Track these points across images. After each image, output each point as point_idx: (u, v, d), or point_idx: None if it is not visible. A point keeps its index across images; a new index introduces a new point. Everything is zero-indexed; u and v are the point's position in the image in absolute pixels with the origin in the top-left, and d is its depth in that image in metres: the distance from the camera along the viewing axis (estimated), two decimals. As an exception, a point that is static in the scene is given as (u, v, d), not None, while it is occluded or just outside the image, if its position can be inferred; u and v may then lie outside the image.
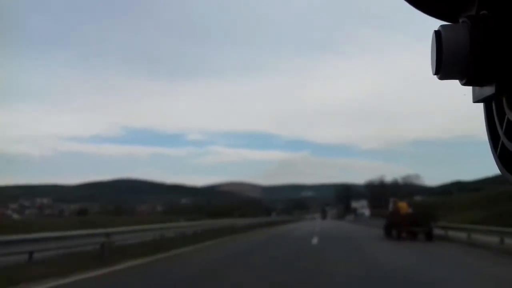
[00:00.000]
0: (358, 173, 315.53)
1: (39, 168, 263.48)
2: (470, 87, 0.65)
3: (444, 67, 0.59)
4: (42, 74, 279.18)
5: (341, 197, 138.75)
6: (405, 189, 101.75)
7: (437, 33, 0.60)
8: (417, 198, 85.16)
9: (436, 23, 0.64)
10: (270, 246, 16.49)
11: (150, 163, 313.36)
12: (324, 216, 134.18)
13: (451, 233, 20.43)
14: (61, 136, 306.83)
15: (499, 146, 0.63)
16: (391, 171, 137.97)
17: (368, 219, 68.68)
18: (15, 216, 65.58)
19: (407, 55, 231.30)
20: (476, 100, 0.65)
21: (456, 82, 0.62)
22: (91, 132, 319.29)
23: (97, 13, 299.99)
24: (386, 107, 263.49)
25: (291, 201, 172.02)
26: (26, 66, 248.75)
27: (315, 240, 18.56)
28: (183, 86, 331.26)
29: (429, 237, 18.83)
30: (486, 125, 0.68)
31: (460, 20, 0.62)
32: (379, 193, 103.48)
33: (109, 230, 11.64)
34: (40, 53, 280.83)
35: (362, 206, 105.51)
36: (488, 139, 0.67)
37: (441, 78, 0.61)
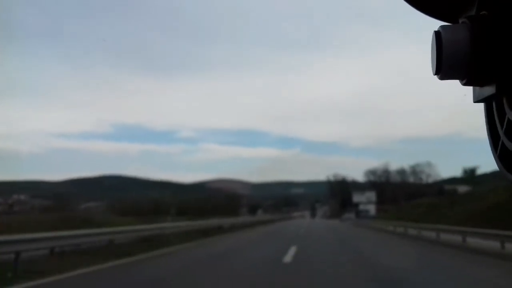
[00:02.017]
0: (350, 170, 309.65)
1: (27, 165, 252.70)
2: (471, 87, 0.63)
3: (444, 67, 0.58)
4: (31, 69, 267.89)
5: (335, 190, 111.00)
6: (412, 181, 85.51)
7: (437, 34, 0.59)
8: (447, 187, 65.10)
9: (436, 23, 0.63)
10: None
11: (140, 160, 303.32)
12: (313, 214, 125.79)
13: None
14: (50, 133, 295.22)
15: (499, 146, 0.61)
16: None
17: (375, 221, 48.46)
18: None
19: (402, 54, 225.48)
20: (476, 100, 0.63)
21: (455, 82, 0.60)
22: (80, 128, 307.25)
23: (86, 8, 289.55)
24: (377, 105, 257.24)
25: (281, 198, 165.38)
26: (14, 61, 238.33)
27: None
28: (174, 83, 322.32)
29: None
30: (486, 125, 0.66)
31: (460, 21, 0.61)
32: (384, 186, 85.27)
33: None
34: (28, 48, 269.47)
35: (368, 201, 79.37)
36: (488, 138, 0.65)
37: (441, 78, 0.59)
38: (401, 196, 74.41)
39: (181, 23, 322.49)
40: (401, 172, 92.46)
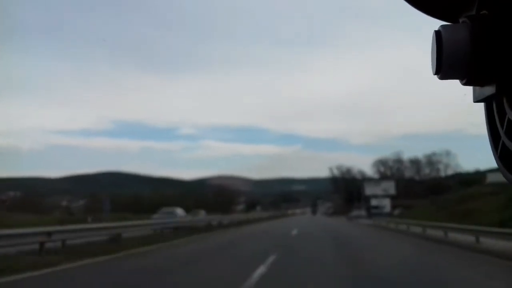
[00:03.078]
0: (352, 167, 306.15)
1: (27, 162, 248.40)
2: (471, 87, 0.62)
3: (444, 67, 0.57)
4: (31, 67, 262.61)
5: (339, 184, 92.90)
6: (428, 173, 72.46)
7: (437, 33, 0.58)
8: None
9: (436, 23, 0.62)
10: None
11: (141, 157, 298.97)
12: (314, 211, 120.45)
13: None
14: (50, 130, 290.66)
15: (500, 145, 0.61)
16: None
17: (401, 221, 30.36)
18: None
19: (402, 53, 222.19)
20: (476, 100, 0.63)
21: (455, 82, 0.60)
22: (81, 125, 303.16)
23: (86, 5, 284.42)
24: (377, 102, 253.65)
25: (282, 195, 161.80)
26: (14, 58, 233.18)
27: None
28: (174, 80, 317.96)
29: None
30: (486, 125, 0.66)
31: (460, 20, 0.60)
32: (397, 178, 70.00)
33: None
34: (28, 45, 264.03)
35: (385, 193, 62.51)
36: (489, 138, 0.65)
37: (441, 78, 0.59)
38: (420, 189, 62.99)
39: (182, 20, 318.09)
40: (415, 162, 77.39)
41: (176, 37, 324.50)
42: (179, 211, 30.48)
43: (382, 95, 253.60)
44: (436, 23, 0.61)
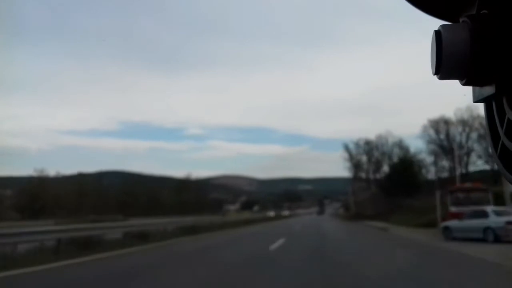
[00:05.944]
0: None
1: (36, 162, 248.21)
2: (470, 87, 0.61)
3: (444, 67, 0.56)
4: (39, 67, 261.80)
5: (361, 166, 57.85)
6: None
7: (437, 33, 0.57)
8: None
9: (436, 23, 0.62)
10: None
11: (148, 157, 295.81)
12: (321, 211, 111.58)
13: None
14: (58, 130, 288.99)
15: (499, 146, 0.60)
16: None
17: None
18: None
19: (406, 53, 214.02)
20: (476, 100, 0.61)
21: (456, 82, 0.59)
22: (88, 126, 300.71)
23: (93, 3, 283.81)
24: (384, 103, 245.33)
25: (288, 194, 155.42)
26: (21, 58, 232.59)
27: None
28: (182, 81, 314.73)
29: None
30: (486, 125, 0.65)
31: (461, 20, 0.59)
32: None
33: None
34: (37, 45, 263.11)
35: None
36: (488, 138, 0.64)
37: (441, 78, 0.58)
38: None
39: (190, 21, 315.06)
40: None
41: (184, 38, 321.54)
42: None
43: (390, 95, 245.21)
44: (436, 23, 0.60)
